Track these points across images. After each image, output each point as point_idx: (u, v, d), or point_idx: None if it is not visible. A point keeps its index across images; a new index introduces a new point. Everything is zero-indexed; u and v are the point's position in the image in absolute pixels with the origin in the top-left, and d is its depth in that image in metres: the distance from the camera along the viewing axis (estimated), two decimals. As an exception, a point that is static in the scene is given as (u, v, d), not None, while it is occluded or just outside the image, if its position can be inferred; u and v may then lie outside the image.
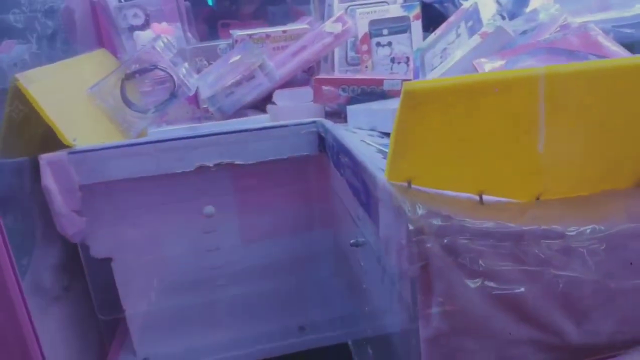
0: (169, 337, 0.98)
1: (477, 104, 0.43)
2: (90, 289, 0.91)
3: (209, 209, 0.90)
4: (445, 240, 0.47)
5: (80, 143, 0.82)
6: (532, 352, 0.53)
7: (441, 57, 1.04)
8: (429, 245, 0.47)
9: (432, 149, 0.47)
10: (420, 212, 0.46)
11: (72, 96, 0.91)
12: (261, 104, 1.08)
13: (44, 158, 0.79)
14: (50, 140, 0.81)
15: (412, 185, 0.50)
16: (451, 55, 1.01)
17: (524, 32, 1.03)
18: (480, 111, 0.44)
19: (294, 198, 0.94)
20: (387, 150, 0.67)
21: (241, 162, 0.86)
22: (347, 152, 0.65)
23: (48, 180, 0.79)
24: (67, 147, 0.81)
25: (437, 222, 0.47)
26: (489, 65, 0.85)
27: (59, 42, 1.16)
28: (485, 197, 0.53)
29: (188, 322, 0.97)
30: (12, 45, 1.00)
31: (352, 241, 0.69)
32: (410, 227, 0.46)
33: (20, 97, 0.79)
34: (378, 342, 0.73)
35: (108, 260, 0.90)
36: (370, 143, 0.73)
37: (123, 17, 1.17)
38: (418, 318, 0.50)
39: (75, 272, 0.91)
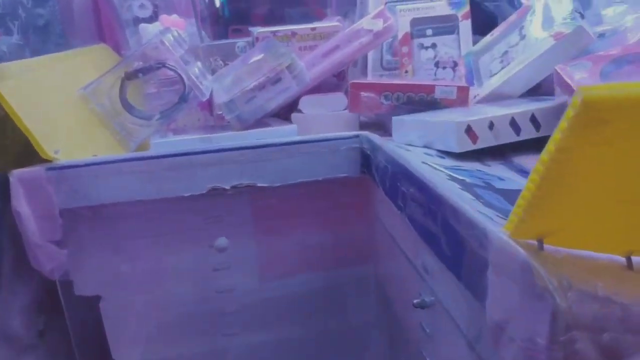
0: (168, 394, 0.81)
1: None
2: (71, 335, 0.74)
3: (222, 241, 0.73)
4: (605, 337, 0.30)
5: (64, 156, 0.65)
6: None
7: (502, 62, 0.88)
8: (581, 345, 0.30)
9: (590, 191, 0.30)
10: (570, 293, 0.29)
11: (59, 98, 0.75)
12: (284, 111, 0.92)
13: (16, 175, 0.63)
14: (29, 153, 0.65)
15: (545, 245, 0.32)
16: (516, 60, 0.85)
17: (602, 36, 0.88)
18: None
19: (326, 228, 0.78)
20: (459, 177, 0.51)
21: (264, 185, 0.70)
22: (415, 181, 0.48)
23: (20, 202, 0.63)
24: (47, 161, 0.64)
25: (593, 308, 0.30)
26: (579, 75, 0.69)
27: (52, 35, 1.01)
28: (635, 258, 0.36)
29: (191, 376, 0.80)
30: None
31: (415, 301, 0.52)
32: (558, 320, 0.28)
33: (-8, 96, 0.63)
34: None
35: (95, 299, 0.73)
36: (435, 166, 0.56)
37: (128, 7, 1.02)
38: None
39: (52, 314, 0.74)
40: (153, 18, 1.02)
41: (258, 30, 0.99)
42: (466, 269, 0.38)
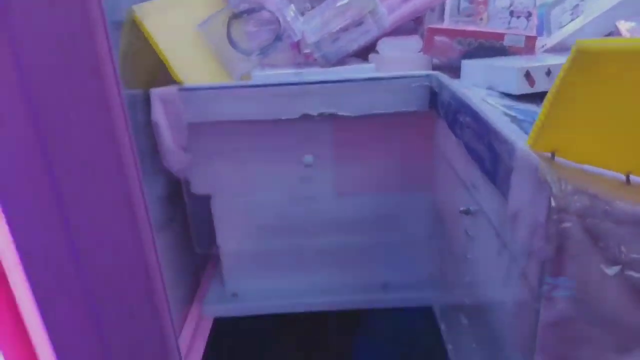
0: (258, 276, 1.01)
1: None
2: (190, 223, 0.95)
3: (309, 158, 0.89)
4: (588, 222, 0.43)
5: (189, 81, 0.83)
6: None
7: (572, 14, 0.94)
8: (568, 224, 0.42)
9: (590, 118, 0.41)
10: (566, 188, 0.42)
11: (183, 32, 0.92)
12: (363, 52, 1.03)
13: (155, 93, 0.81)
14: (161, 74, 0.82)
15: (556, 157, 0.45)
16: (584, 13, 0.91)
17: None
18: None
19: (394, 155, 0.91)
20: (512, 114, 0.62)
21: (345, 114, 0.84)
22: (471, 113, 0.60)
23: (158, 115, 0.81)
24: (178, 83, 0.82)
25: (582, 201, 0.42)
26: (630, 25, 0.75)
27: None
28: (632, 177, 0.47)
29: (277, 264, 0.99)
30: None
31: (462, 208, 0.65)
32: (553, 204, 0.41)
33: (134, 30, 0.80)
34: (477, 315, 0.71)
35: (207, 197, 0.93)
36: (492, 103, 0.67)
37: (232, -47, 1.14)
38: (541, 300, 0.46)
39: (178, 205, 0.95)
40: (254, -36, 1.14)
41: (345, -25, 1.09)
42: (499, 176, 0.51)
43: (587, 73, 0.37)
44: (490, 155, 0.53)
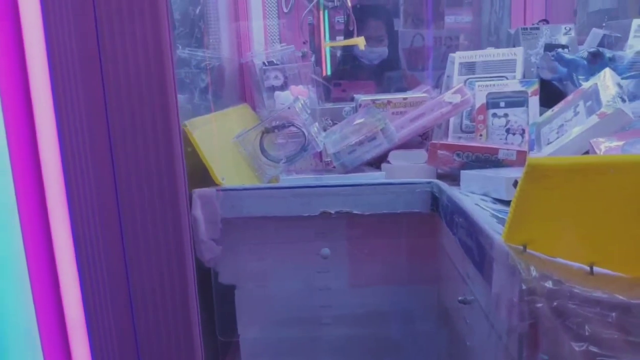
0: (275, 366, 1.06)
1: (594, 181, 0.48)
2: (215, 311, 1.03)
3: (326, 250, 1.00)
4: (555, 303, 0.52)
5: (227, 182, 0.97)
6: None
7: (557, 133, 1.07)
8: (539, 305, 0.51)
9: (550, 217, 0.52)
10: (533, 274, 0.51)
11: (221, 142, 1.08)
12: (376, 162, 1.18)
13: (197, 192, 0.95)
14: (195, 175, 0.96)
15: (527, 250, 0.55)
16: (568, 132, 1.04)
17: (647, 115, 1.04)
18: (596, 189, 0.49)
19: (402, 252, 1.01)
20: (500, 216, 0.73)
21: (358, 212, 0.96)
22: (463, 213, 0.72)
23: (197, 211, 0.94)
24: (216, 185, 0.96)
25: (548, 285, 0.52)
26: (606, 145, 0.88)
27: (209, 94, 1.37)
28: (595, 268, 0.56)
29: (293, 354, 1.05)
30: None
31: (460, 298, 0.74)
32: (524, 287, 0.51)
33: (185, 139, 0.96)
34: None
35: (232, 287, 1.02)
36: (484, 207, 0.78)
37: (266, 77, 1.36)
38: (522, 373, 0.54)
39: (201, 294, 1.04)
40: (284, 86, 1.35)
41: (361, 98, 1.27)
42: (485, 266, 0.61)
43: (538, 182, 0.48)
44: (477, 249, 0.64)
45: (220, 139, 1.09)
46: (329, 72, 1.74)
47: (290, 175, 1.10)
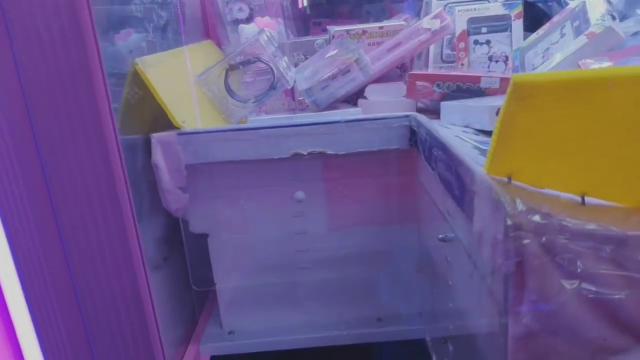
0: (254, 314, 1.03)
1: (588, 99, 0.42)
2: (187, 262, 0.99)
3: (300, 194, 0.94)
4: (544, 239, 0.47)
5: (188, 126, 0.89)
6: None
7: (543, 57, 1.01)
8: (526, 242, 0.47)
9: (537, 144, 0.46)
10: (519, 207, 0.46)
11: (182, 82, 0.99)
12: (353, 98, 1.11)
13: (156, 137, 0.87)
14: (159, 121, 0.89)
15: (512, 181, 0.50)
16: (554, 56, 0.98)
17: (635, 34, 0.98)
18: (591, 108, 0.43)
19: (381, 190, 0.96)
20: (483, 147, 0.67)
21: (332, 152, 0.89)
22: (441, 146, 0.66)
23: (158, 157, 0.87)
24: (177, 128, 0.88)
25: (536, 219, 0.47)
26: (596, 66, 0.82)
27: (170, 32, 1.26)
28: (587, 198, 0.51)
29: (272, 301, 1.02)
30: (129, 33, 1.10)
31: (440, 236, 0.69)
32: (509, 222, 0.46)
33: (137, 80, 0.87)
34: (460, 340, 0.73)
35: (204, 235, 0.97)
36: (465, 139, 0.72)
37: (229, 10, 1.24)
38: (508, 315, 0.50)
39: (174, 245, 0.99)
40: (249, 19, 1.24)
41: (334, 29, 1.18)
42: (466, 201, 0.56)
43: (523, 103, 0.42)
44: (457, 183, 0.58)
45: (180, 78, 0.99)
46: (305, 3, 1.62)
47: (260, 116, 1.02)
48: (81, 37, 0.44)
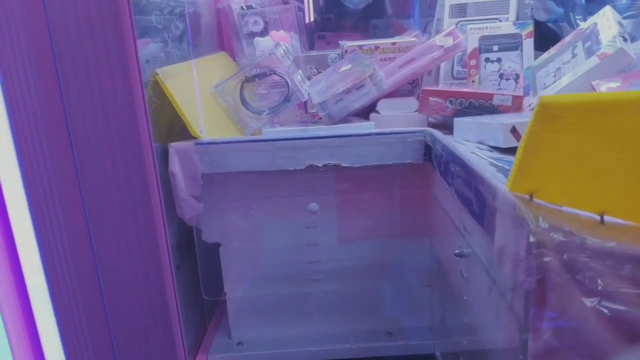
0: (263, 325, 1.04)
1: (612, 121, 0.43)
2: (199, 270, 0.99)
3: (314, 205, 0.95)
4: (565, 256, 0.48)
5: (206, 135, 0.90)
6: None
7: (554, 76, 1.02)
8: (548, 259, 0.47)
9: (560, 163, 0.47)
10: (542, 225, 0.47)
11: (200, 92, 1.00)
12: (364, 111, 1.12)
13: (174, 146, 0.88)
14: (174, 130, 0.90)
15: (534, 199, 0.50)
16: (566, 75, 0.99)
17: (650, 56, 0.99)
18: (614, 129, 0.44)
19: (393, 204, 0.96)
20: (499, 164, 0.68)
21: (347, 165, 0.90)
22: (459, 162, 0.67)
23: (175, 166, 0.88)
24: (194, 138, 0.89)
25: (558, 236, 0.47)
26: (607, 87, 0.83)
27: (185, 43, 1.27)
28: (606, 217, 0.52)
29: (282, 312, 1.03)
30: (148, 42, 1.11)
31: (456, 251, 0.70)
32: (532, 240, 0.46)
33: (156, 89, 0.89)
34: (473, 356, 0.73)
35: (217, 245, 0.97)
36: (481, 156, 0.73)
37: (245, 23, 1.26)
38: (528, 331, 0.50)
39: (186, 253, 0.99)
40: (264, 32, 1.26)
41: (347, 44, 1.19)
42: (486, 217, 0.56)
43: (549, 123, 0.43)
44: (477, 199, 0.59)
45: (198, 89, 1.01)
46: (311, 19, 1.64)
47: (273, 128, 1.03)
48: (122, 42, 0.45)
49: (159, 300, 0.55)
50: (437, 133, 0.85)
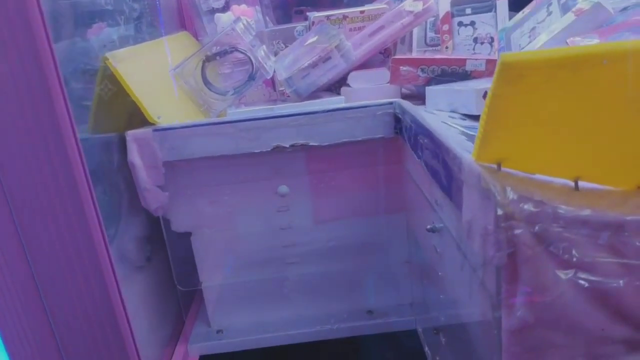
0: (242, 311, 1.01)
1: (582, 78, 0.39)
2: (170, 261, 0.95)
3: (283, 188, 0.91)
4: (537, 228, 0.44)
5: (164, 121, 0.85)
6: (625, 351, 0.49)
7: (530, 37, 0.98)
8: (518, 231, 0.44)
9: (527, 128, 0.44)
10: (510, 196, 0.43)
11: (157, 76, 0.95)
12: (336, 86, 1.07)
13: (130, 134, 0.83)
14: (136, 117, 0.85)
15: (502, 168, 0.47)
16: (541, 35, 0.95)
17: (625, 10, 0.95)
18: (585, 87, 0.40)
19: (367, 181, 0.93)
20: (470, 133, 0.64)
21: (315, 144, 0.86)
22: (427, 133, 0.63)
23: (134, 155, 0.83)
24: (152, 124, 0.84)
25: (528, 207, 0.44)
26: (585, 44, 0.79)
27: (144, 25, 1.21)
28: (581, 183, 0.49)
29: (260, 297, 1.00)
30: (102, 27, 1.05)
31: (428, 226, 0.67)
32: (499, 212, 0.43)
33: (109, 76, 0.83)
34: (452, 331, 0.71)
35: (188, 234, 0.94)
36: (452, 125, 0.70)
37: (204, 0, 1.20)
38: (501, 308, 0.48)
39: (156, 244, 0.95)
40: (225, 8, 1.19)
41: (314, 15, 1.14)
42: (453, 190, 0.53)
43: (513, 84, 0.39)
44: (444, 171, 0.55)
45: (155, 72, 0.95)
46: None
47: (239, 108, 0.98)
48: (30, 30, 0.41)
49: (102, 303, 0.51)
50: (407, 104, 0.81)
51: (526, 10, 1.03)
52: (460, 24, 1.15)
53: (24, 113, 0.44)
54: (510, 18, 1.10)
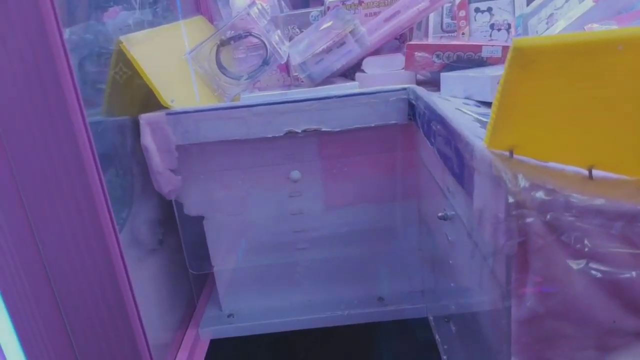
0: (253, 296, 1.02)
1: (597, 64, 0.38)
2: (182, 245, 0.96)
3: (295, 173, 0.91)
4: (548, 216, 0.44)
5: (178, 105, 0.85)
6: (637, 343, 0.48)
7: (547, 23, 0.96)
8: (529, 220, 0.43)
9: (541, 114, 0.43)
10: (522, 184, 0.43)
11: (171, 60, 0.95)
12: (350, 72, 1.06)
13: (144, 118, 0.84)
14: (151, 101, 0.85)
15: (514, 155, 0.46)
16: (558, 21, 0.93)
17: (647, -5, 0.93)
18: (600, 73, 0.39)
19: (379, 167, 0.92)
20: (484, 120, 0.64)
21: (327, 129, 0.86)
22: (440, 120, 0.62)
23: (147, 139, 0.84)
24: (166, 108, 0.85)
25: (540, 195, 0.43)
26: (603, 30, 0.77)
27: (160, 9, 1.21)
28: (595, 172, 0.48)
29: (271, 282, 1.00)
30: (118, 11, 1.05)
31: (440, 214, 0.66)
32: (510, 200, 0.42)
33: (124, 59, 0.84)
34: (463, 320, 0.71)
35: (200, 218, 0.94)
36: (466, 112, 0.69)
37: (220, -17, 1.19)
38: (511, 297, 0.47)
39: (169, 227, 0.96)
40: (241, -8, 1.19)
41: (330, 0, 1.13)
42: (465, 177, 0.52)
43: (526, 70, 0.38)
44: (456, 158, 0.55)
45: (170, 56, 0.95)
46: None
47: (253, 93, 0.98)
48: (39, 14, 0.41)
49: (111, 290, 0.52)
50: (421, 90, 0.80)
51: (545, -5, 1.01)
52: (477, 10, 1.13)
53: (32, 96, 0.45)
54: (527, 4, 1.08)
